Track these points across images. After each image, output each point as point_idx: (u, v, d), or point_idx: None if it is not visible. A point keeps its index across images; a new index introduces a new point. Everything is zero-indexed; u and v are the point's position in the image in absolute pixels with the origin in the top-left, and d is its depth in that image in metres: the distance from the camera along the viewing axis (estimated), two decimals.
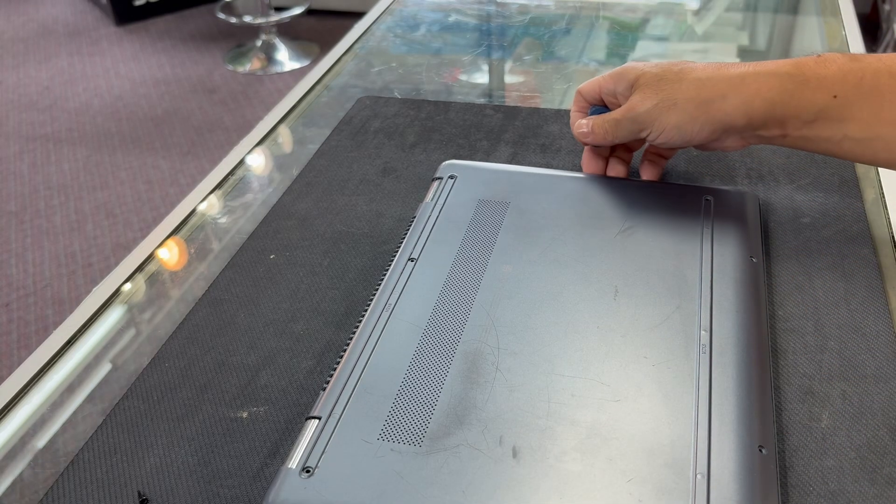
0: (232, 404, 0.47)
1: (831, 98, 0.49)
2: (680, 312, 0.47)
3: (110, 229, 2.10)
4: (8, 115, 2.67)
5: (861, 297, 0.52)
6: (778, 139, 0.52)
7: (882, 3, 2.63)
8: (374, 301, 0.49)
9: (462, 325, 0.46)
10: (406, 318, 0.47)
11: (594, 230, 0.54)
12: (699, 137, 0.53)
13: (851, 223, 0.59)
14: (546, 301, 0.48)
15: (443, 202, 0.57)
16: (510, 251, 0.52)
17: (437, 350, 0.45)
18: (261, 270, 0.58)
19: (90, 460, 0.45)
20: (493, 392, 0.42)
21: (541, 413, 0.40)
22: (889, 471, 0.41)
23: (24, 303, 1.86)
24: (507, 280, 0.50)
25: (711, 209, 0.55)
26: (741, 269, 0.50)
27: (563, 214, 0.55)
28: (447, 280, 0.50)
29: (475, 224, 0.55)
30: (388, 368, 0.44)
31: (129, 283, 0.60)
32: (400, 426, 0.40)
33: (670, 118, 0.52)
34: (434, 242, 0.53)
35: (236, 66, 2.97)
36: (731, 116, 0.51)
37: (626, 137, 0.56)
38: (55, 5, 3.55)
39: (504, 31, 1.01)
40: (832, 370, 0.47)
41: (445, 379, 0.43)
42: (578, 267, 0.51)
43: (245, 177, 0.72)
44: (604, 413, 0.40)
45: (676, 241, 0.52)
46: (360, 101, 0.82)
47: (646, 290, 0.48)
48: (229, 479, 0.43)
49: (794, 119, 0.50)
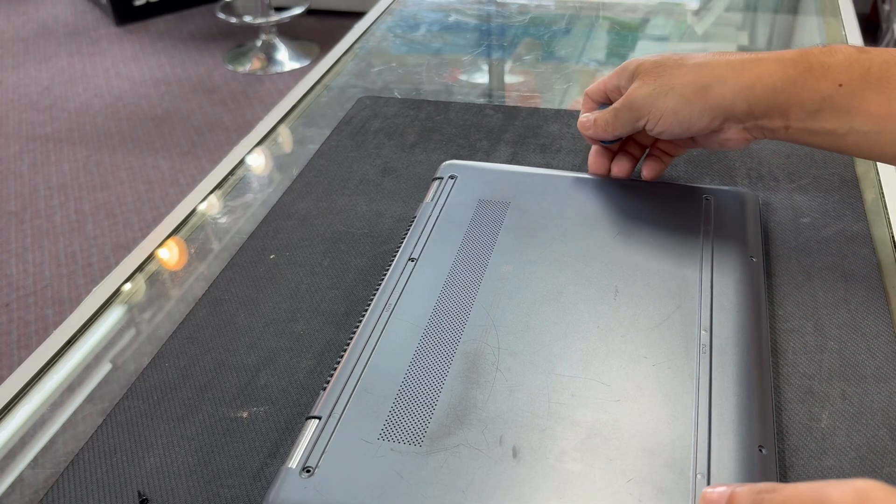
0: (232, 404, 0.47)
1: (837, 87, 0.47)
2: (680, 312, 0.47)
3: (110, 229, 2.10)
4: (8, 115, 2.67)
5: (861, 297, 0.52)
6: (781, 131, 0.50)
7: (882, 3, 2.63)
8: (375, 301, 0.49)
9: (462, 325, 0.46)
10: (406, 318, 0.47)
11: (594, 230, 0.54)
12: (698, 125, 0.51)
13: (851, 223, 0.59)
14: (546, 301, 0.48)
15: (443, 202, 0.57)
16: (510, 251, 0.52)
17: (438, 350, 0.45)
18: (261, 270, 0.58)
19: (90, 460, 0.45)
20: (493, 392, 0.42)
21: (541, 413, 0.41)
22: (889, 471, 0.41)
23: (24, 303, 1.86)
24: (507, 280, 0.50)
25: (711, 209, 0.55)
26: (741, 269, 0.50)
27: (563, 214, 0.55)
28: (447, 280, 0.50)
29: (475, 224, 0.55)
30: (389, 368, 0.44)
31: (129, 283, 0.60)
32: (400, 426, 0.40)
33: (667, 103, 0.51)
34: (434, 242, 0.53)
35: (236, 66, 2.97)
36: (730, 102, 0.49)
37: (626, 127, 0.55)
38: (55, 5, 3.55)
39: (504, 31, 1.01)
40: (832, 370, 0.47)
41: (445, 379, 0.43)
42: (578, 267, 0.51)
43: (245, 177, 0.72)
44: (604, 413, 0.41)
45: (676, 242, 0.52)
46: (360, 101, 0.82)
47: (646, 290, 0.48)
48: (229, 479, 0.43)
49: (797, 108, 0.48)
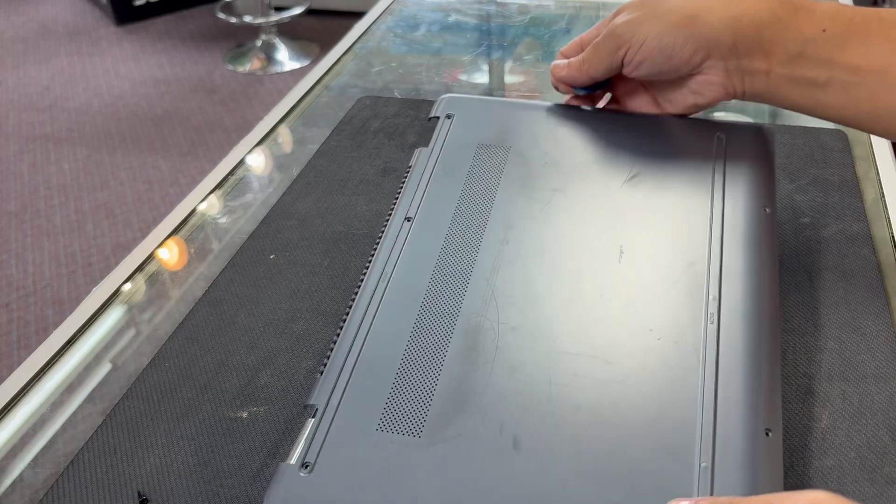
0: (232, 404, 0.47)
1: (820, 32, 0.48)
2: (687, 276, 0.45)
3: (110, 229, 2.10)
4: (8, 115, 2.67)
5: (861, 297, 0.52)
6: (762, 77, 0.50)
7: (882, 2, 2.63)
8: (370, 271, 0.47)
9: (461, 297, 0.44)
10: (403, 291, 0.45)
11: (599, 177, 0.51)
12: (681, 56, 0.50)
13: (851, 223, 0.59)
14: (548, 266, 0.46)
15: (440, 149, 0.54)
16: (510, 208, 0.50)
17: (436, 327, 0.43)
18: (261, 270, 0.58)
19: (90, 460, 0.45)
20: (492, 374, 0.40)
21: (542, 398, 0.39)
22: (889, 471, 0.41)
23: (24, 303, 1.86)
24: (507, 243, 0.47)
25: (724, 150, 0.52)
26: (754, 224, 0.48)
27: (566, 158, 0.52)
28: (445, 244, 0.47)
29: (474, 175, 0.52)
30: (385, 350, 0.42)
31: (129, 283, 0.60)
32: (398, 416, 0.39)
33: (652, 27, 0.50)
34: (431, 198, 0.51)
35: (236, 66, 2.97)
36: (716, 32, 0.49)
37: (604, 61, 0.53)
38: (55, 5, 3.55)
39: (504, 31, 1.01)
40: (832, 370, 0.47)
41: (444, 360, 0.41)
42: (582, 224, 0.48)
43: (245, 177, 0.72)
44: (607, 396, 0.39)
45: (686, 192, 0.50)
46: (360, 101, 0.82)
47: (652, 249, 0.46)
48: (229, 479, 0.43)
49: (780, 49, 0.49)
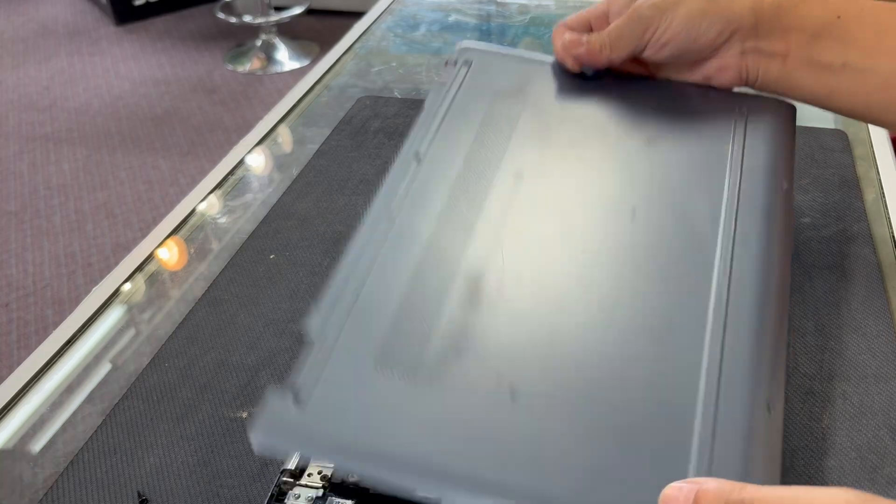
0: (232, 404, 0.47)
1: (835, 18, 0.50)
2: (699, 243, 0.44)
3: (110, 229, 2.10)
4: (8, 115, 2.67)
5: (861, 297, 0.52)
6: (778, 61, 0.51)
7: None
8: (376, 203, 0.45)
9: (466, 244, 0.43)
10: (408, 229, 0.44)
11: (616, 138, 0.50)
12: (706, 37, 0.51)
13: (851, 223, 0.59)
14: (559, 220, 0.45)
15: (454, 94, 0.52)
16: (522, 158, 0.48)
17: (439, 270, 0.42)
18: (261, 270, 0.58)
19: (90, 460, 0.45)
20: (494, 322, 0.39)
21: (543, 352, 0.38)
22: (889, 471, 0.41)
23: (24, 303, 1.86)
24: (517, 192, 0.46)
25: (745, 122, 0.52)
26: (769, 200, 0.47)
27: (584, 115, 0.51)
28: (452, 190, 0.46)
29: (488, 122, 0.50)
30: (387, 287, 0.41)
31: (129, 283, 0.60)
32: (396, 354, 0.38)
33: (678, 9, 0.51)
34: (441, 141, 0.49)
35: (236, 66, 2.97)
36: (739, 14, 0.51)
37: (629, 46, 0.53)
38: (55, 5, 3.55)
39: (504, 31, 1.01)
40: (832, 370, 0.47)
41: (445, 304, 0.40)
42: (597, 181, 0.47)
43: (245, 177, 0.72)
44: (609, 356, 0.38)
45: (703, 160, 0.49)
46: (360, 101, 0.82)
47: (666, 214, 0.45)
48: (229, 479, 0.43)
49: (798, 31, 0.50)
